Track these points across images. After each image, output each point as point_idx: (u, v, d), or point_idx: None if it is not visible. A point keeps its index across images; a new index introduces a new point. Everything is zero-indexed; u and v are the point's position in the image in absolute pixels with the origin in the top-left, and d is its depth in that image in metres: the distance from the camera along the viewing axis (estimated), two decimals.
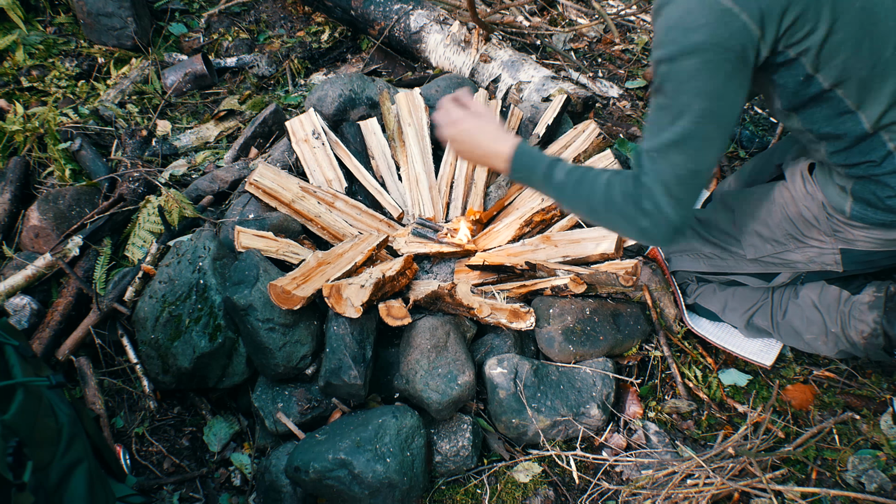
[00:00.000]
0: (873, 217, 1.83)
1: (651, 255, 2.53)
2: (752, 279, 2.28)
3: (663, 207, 1.62)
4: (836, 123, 1.71)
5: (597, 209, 1.74)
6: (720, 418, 2.29)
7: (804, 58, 1.60)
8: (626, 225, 1.70)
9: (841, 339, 2.17)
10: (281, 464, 2.08)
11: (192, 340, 2.21)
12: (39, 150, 2.97)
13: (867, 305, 2.12)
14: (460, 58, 3.47)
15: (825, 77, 1.62)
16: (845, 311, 2.16)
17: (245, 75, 3.78)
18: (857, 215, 1.86)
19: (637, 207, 1.64)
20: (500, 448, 2.21)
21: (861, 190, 1.81)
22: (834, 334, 2.18)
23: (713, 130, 1.59)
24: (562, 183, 1.77)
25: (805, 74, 1.63)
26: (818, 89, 1.65)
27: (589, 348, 2.29)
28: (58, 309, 2.40)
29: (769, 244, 2.12)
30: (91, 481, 1.51)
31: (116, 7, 3.60)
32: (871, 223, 1.85)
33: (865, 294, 2.15)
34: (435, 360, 2.14)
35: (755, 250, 2.15)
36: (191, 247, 2.37)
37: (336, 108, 3.00)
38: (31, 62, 3.56)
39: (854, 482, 2.09)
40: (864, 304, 2.13)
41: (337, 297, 2.09)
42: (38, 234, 2.61)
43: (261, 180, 2.61)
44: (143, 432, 2.31)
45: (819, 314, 2.20)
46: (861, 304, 2.14)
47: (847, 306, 2.16)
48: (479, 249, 2.62)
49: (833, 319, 2.17)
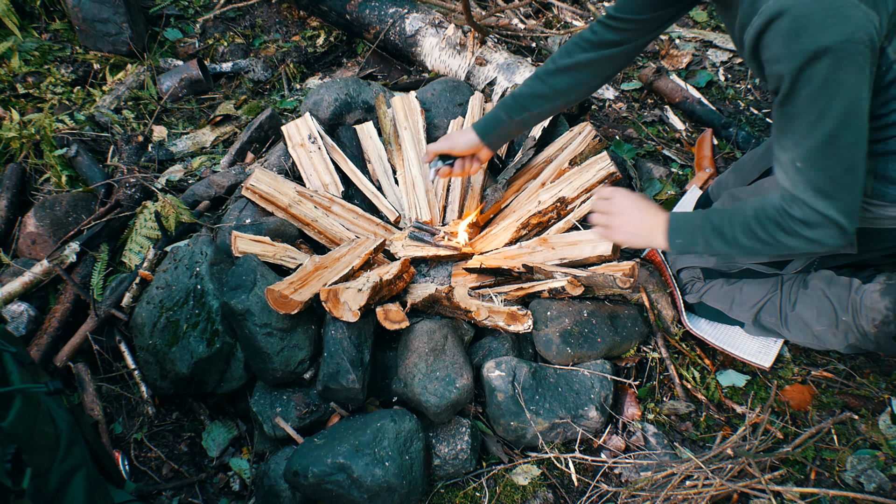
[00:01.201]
0: (892, 194, 1.85)
1: (648, 256, 2.53)
2: (764, 267, 2.28)
3: (824, 211, 1.65)
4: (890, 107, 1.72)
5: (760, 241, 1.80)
6: (718, 419, 2.29)
7: (891, 47, 1.60)
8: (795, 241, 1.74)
9: (851, 329, 2.17)
10: (280, 468, 2.08)
11: (189, 346, 2.21)
12: (36, 156, 2.97)
13: (879, 293, 2.12)
14: (456, 61, 3.47)
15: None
16: (857, 298, 2.15)
17: (241, 80, 3.78)
18: (877, 192, 1.87)
19: (793, 220, 1.70)
20: (499, 451, 2.21)
21: (883, 167, 1.83)
22: (845, 323, 2.17)
23: (856, 126, 1.59)
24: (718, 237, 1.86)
25: (888, 63, 1.63)
26: (893, 76, 1.65)
27: (587, 350, 2.29)
28: (55, 315, 2.40)
29: None
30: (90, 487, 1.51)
31: (112, 13, 3.61)
32: (890, 200, 1.87)
33: (877, 282, 2.15)
34: (433, 364, 2.14)
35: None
36: (188, 252, 2.36)
37: (332, 112, 3.00)
38: (27, 69, 3.55)
39: (853, 482, 2.09)
40: (876, 292, 2.13)
41: (334, 302, 2.09)
42: (34, 241, 2.61)
43: (257, 185, 2.61)
44: (141, 438, 2.30)
45: (829, 303, 2.20)
46: (873, 292, 2.14)
47: (859, 294, 2.15)
48: (476, 252, 2.62)
49: (844, 307, 2.17)
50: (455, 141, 2.45)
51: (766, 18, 1.51)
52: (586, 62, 2.20)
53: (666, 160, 3.20)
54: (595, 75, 2.26)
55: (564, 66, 2.22)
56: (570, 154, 2.81)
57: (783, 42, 1.51)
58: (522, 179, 2.86)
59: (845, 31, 1.46)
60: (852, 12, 1.45)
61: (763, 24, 1.53)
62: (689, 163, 3.16)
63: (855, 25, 1.46)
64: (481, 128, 2.41)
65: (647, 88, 3.63)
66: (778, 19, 1.49)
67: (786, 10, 1.47)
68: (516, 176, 2.85)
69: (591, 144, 2.82)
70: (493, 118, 2.39)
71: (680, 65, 3.81)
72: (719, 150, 3.15)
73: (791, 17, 1.48)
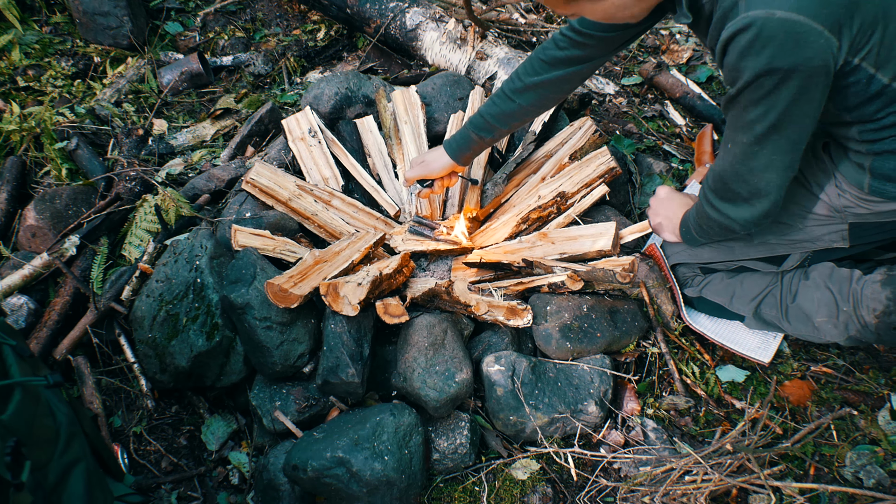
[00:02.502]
0: (892, 191, 1.88)
1: (648, 251, 2.53)
2: (761, 264, 2.29)
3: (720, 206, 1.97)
4: (887, 111, 1.75)
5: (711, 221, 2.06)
6: (718, 414, 2.29)
7: (866, 62, 1.64)
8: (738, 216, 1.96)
9: (852, 320, 2.17)
10: (279, 462, 2.08)
11: (189, 339, 2.21)
12: (36, 149, 2.97)
13: (880, 283, 2.13)
14: (456, 55, 3.46)
15: (885, 73, 1.67)
16: (857, 288, 2.16)
17: (241, 74, 3.78)
18: (876, 190, 1.91)
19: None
20: (498, 445, 2.21)
21: (881, 166, 1.86)
22: (846, 314, 2.18)
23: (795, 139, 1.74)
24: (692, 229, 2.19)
25: (868, 76, 1.67)
26: (879, 86, 1.69)
27: (586, 345, 2.29)
28: (55, 308, 2.40)
29: (776, 225, 2.17)
30: (89, 480, 1.51)
31: (112, 6, 3.60)
32: (890, 197, 1.90)
33: (878, 273, 2.16)
34: (432, 358, 2.14)
35: (761, 234, 2.20)
36: (188, 245, 2.36)
37: (332, 106, 2.99)
38: (28, 62, 3.55)
39: (852, 478, 2.09)
40: (877, 283, 2.13)
41: (334, 296, 2.09)
42: (34, 234, 2.61)
43: (257, 179, 2.60)
44: (140, 431, 2.31)
45: (830, 293, 2.20)
46: (874, 283, 2.14)
47: (859, 284, 2.16)
48: (476, 247, 2.62)
49: (845, 297, 2.17)
50: (430, 168, 2.54)
51: (734, 29, 1.58)
52: (553, 79, 2.25)
53: (666, 155, 3.20)
54: (561, 90, 2.33)
55: (532, 84, 2.28)
56: (570, 149, 2.80)
57: (741, 53, 1.59)
58: (522, 174, 2.86)
59: (802, 56, 1.54)
60: (813, 39, 1.53)
61: (730, 35, 1.60)
62: (689, 158, 3.15)
63: (813, 52, 1.54)
64: (454, 150, 2.49)
65: (647, 83, 3.63)
66: (743, 32, 1.56)
67: (752, 25, 1.54)
68: (516, 170, 2.85)
69: (592, 139, 2.82)
70: (464, 139, 2.48)
71: (680, 60, 3.80)
72: (719, 145, 3.14)
73: (755, 32, 1.54)
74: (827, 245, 2.16)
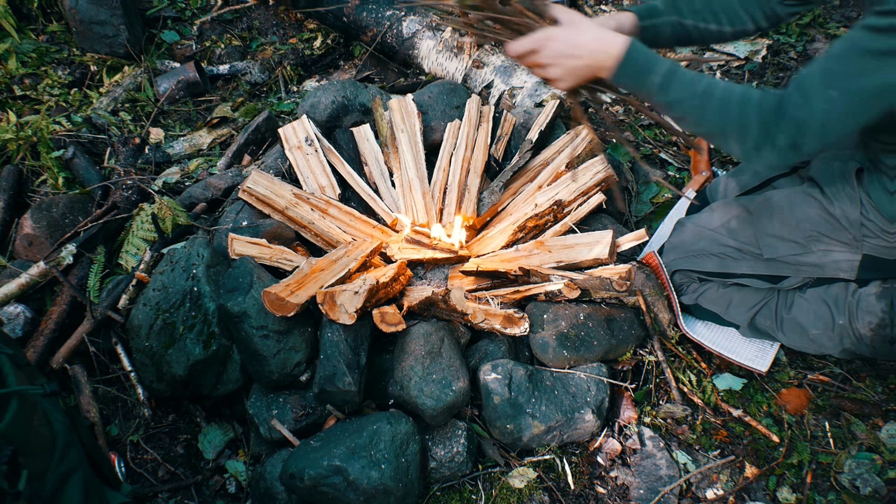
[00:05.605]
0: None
1: (645, 259, 2.53)
2: (758, 281, 2.29)
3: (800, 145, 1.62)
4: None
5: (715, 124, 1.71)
6: (715, 423, 2.29)
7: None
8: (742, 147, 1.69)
9: (847, 333, 2.18)
10: (276, 471, 2.07)
11: (186, 348, 2.21)
12: (32, 158, 2.97)
13: (875, 296, 2.14)
14: (453, 64, 3.47)
15: None
16: (853, 301, 2.17)
17: (238, 82, 3.78)
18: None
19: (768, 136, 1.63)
20: (495, 454, 2.21)
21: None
22: (841, 326, 2.18)
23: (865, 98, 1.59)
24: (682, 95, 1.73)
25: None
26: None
27: (583, 353, 2.29)
28: (52, 317, 2.40)
29: (788, 244, 2.15)
30: (86, 489, 1.51)
31: (109, 15, 3.60)
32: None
33: (873, 286, 2.16)
34: (429, 367, 2.14)
35: (772, 250, 2.18)
36: (184, 254, 2.36)
37: (329, 114, 3.00)
38: (24, 70, 3.55)
39: (849, 485, 2.09)
40: (872, 295, 2.14)
41: (331, 304, 2.09)
42: (31, 243, 2.60)
43: (254, 187, 2.61)
44: (137, 440, 2.30)
45: (826, 307, 2.21)
46: (869, 296, 2.15)
47: (855, 297, 2.17)
48: (472, 255, 2.63)
49: (840, 310, 2.18)
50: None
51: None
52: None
53: (663, 163, 3.21)
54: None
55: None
56: (567, 157, 2.81)
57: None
58: (519, 182, 2.86)
59: None
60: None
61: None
62: (685, 166, 3.16)
63: None
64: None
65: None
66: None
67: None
68: (513, 179, 2.85)
69: (588, 147, 2.83)
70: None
71: None
72: (716, 154, 3.15)
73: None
74: (833, 274, 2.16)
